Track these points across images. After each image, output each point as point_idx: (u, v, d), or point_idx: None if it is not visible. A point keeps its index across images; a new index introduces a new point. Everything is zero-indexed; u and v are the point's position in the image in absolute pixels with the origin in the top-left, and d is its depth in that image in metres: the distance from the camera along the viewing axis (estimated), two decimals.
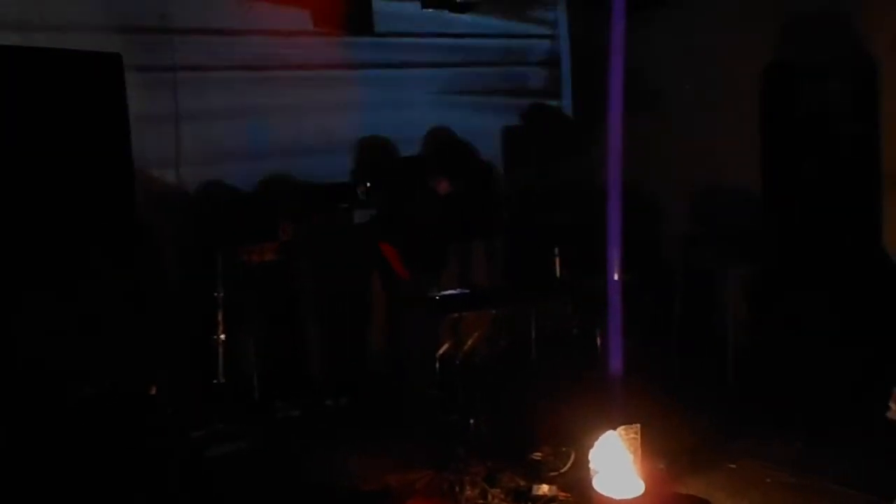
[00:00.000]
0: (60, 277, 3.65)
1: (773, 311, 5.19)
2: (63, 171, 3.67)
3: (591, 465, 3.58)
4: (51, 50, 3.73)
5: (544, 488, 3.71)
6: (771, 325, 5.18)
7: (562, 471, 3.83)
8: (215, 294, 4.86)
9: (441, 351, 4.78)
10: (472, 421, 4.32)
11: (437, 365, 4.78)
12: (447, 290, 4.52)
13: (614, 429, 3.57)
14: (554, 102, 6.81)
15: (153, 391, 3.86)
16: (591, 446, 3.58)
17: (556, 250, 5.38)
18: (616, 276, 3.77)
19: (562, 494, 3.68)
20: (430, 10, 5.61)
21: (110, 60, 3.69)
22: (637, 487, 3.52)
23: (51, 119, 3.60)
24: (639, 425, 3.60)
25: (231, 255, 4.93)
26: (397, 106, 5.88)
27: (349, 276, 5.32)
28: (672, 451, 3.89)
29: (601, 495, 3.49)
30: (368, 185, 5.37)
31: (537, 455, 3.98)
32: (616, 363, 3.73)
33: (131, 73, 3.98)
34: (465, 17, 6.01)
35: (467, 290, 4.66)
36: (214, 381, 4.85)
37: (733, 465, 3.96)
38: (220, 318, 4.85)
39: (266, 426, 4.75)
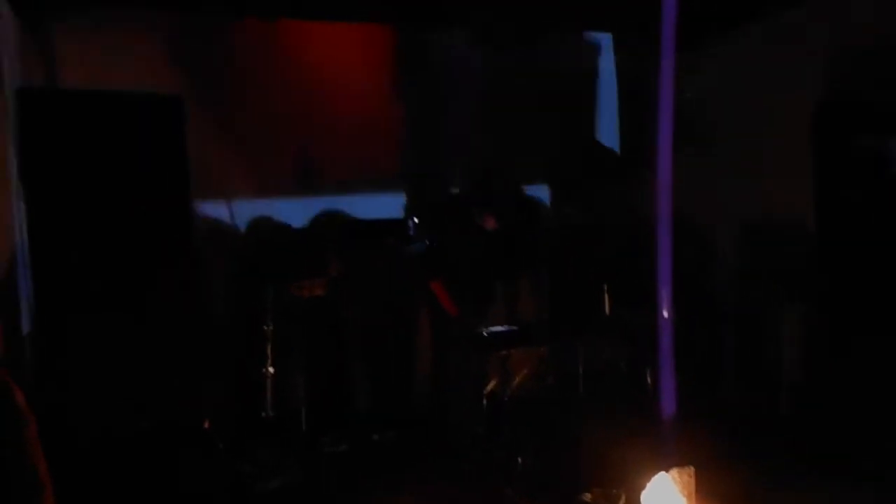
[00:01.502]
0: (120, 310, 3.75)
1: (830, 349, 5.04)
2: (124, 208, 3.80)
3: None
4: (117, 92, 3.90)
5: None
6: (828, 363, 5.02)
7: None
8: (265, 328, 4.92)
9: (489, 388, 4.75)
10: (519, 459, 4.26)
11: (485, 402, 4.75)
12: (495, 326, 4.49)
13: (667, 470, 3.48)
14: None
15: (206, 425, 3.90)
16: (643, 488, 3.50)
17: (605, 286, 5.32)
18: (666, 313, 3.71)
19: None
20: (476, 45, 5.67)
21: (172, 102, 3.84)
22: None
23: (116, 155, 3.74)
24: (693, 467, 3.51)
25: (281, 289, 5.00)
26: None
27: (397, 312, 5.34)
28: (728, 495, 3.77)
29: None
30: (416, 221, 5.42)
31: (587, 496, 3.90)
32: (668, 402, 3.66)
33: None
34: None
35: (515, 327, 4.63)
36: (263, 415, 4.89)
37: None
38: (269, 351, 4.91)
39: (313, 461, 4.76)
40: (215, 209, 5.25)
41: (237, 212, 5.33)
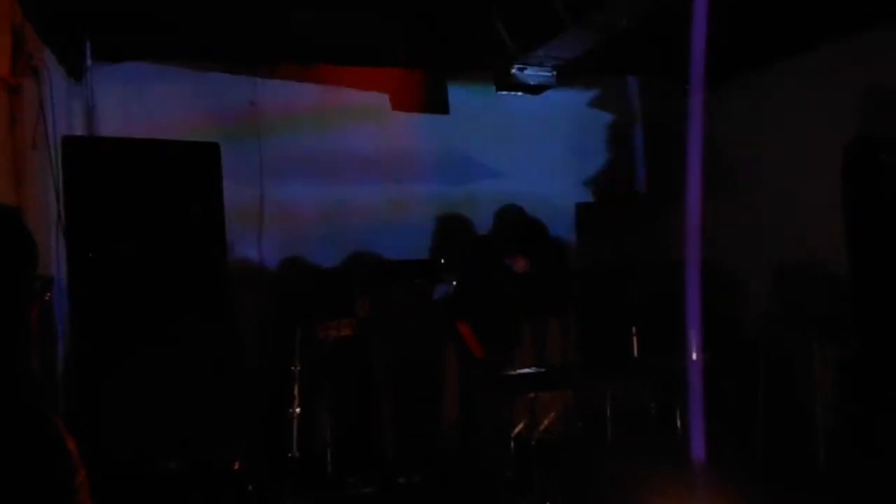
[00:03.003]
0: (154, 350, 3.81)
1: (867, 394, 4.92)
2: (161, 250, 3.89)
3: None
4: (155, 140, 4.04)
5: None
6: (864, 409, 4.90)
7: None
8: (292, 368, 4.94)
9: (516, 431, 4.71)
10: (547, 503, 4.20)
11: (512, 445, 4.70)
12: (522, 368, 4.47)
13: None
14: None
15: (236, 466, 3.91)
16: None
17: (634, 329, 5.28)
18: (695, 356, 3.67)
19: None
20: (504, 92, 5.72)
21: (210, 149, 3.96)
22: None
23: (155, 199, 3.86)
24: None
25: (309, 330, 5.04)
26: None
27: (424, 353, 5.34)
28: None
29: None
30: (443, 261, 5.45)
31: None
32: (699, 448, 3.59)
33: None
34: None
35: (543, 369, 4.60)
36: (289, 455, 4.89)
37: None
38: (296, 391, 4.92)
39: (339, 503, 4.73)
40: (246, 249, 5.34)
41: (266, 251, 5.41)
